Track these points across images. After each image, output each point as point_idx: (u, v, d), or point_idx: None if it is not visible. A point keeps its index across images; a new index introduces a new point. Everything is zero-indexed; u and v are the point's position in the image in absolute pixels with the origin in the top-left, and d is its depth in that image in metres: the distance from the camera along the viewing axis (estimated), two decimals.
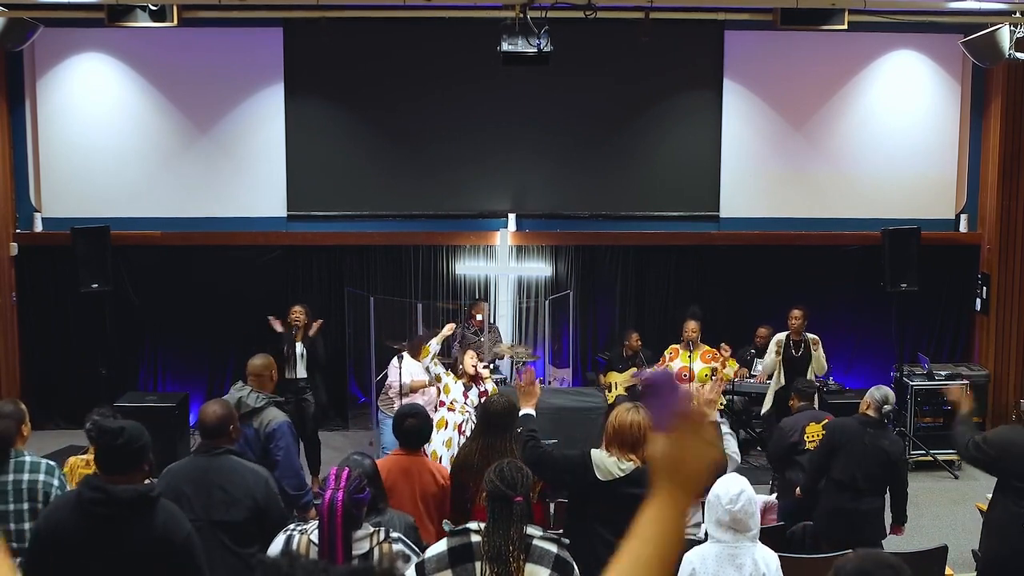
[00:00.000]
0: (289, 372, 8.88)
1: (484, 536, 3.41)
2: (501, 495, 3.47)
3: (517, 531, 3.38)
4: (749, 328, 10.24)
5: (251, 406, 5.45)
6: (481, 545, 3.40)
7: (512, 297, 10.66)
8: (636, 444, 4.36)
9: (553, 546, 3.43)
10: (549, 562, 3.38)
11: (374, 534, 3.52)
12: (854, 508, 6.06)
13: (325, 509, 3.47)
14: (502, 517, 3.42)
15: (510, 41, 7.90)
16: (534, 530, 3.47)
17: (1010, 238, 10.55)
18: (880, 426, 6.19)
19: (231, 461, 4.50)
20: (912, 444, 9.46)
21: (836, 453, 6.13)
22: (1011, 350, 10.59)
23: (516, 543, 3.37)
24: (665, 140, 10.91)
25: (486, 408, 5.33)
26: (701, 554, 4.02)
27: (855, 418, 6.31)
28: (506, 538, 3.38)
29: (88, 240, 9.52)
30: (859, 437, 6.10)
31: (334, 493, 3.47)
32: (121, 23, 8.47)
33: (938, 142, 10.85)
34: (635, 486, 4.32)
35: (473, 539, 3.43)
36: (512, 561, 3.34)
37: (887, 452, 6.08)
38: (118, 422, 3.66)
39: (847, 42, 10.33)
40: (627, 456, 4.37)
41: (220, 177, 10.60)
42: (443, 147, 10.71)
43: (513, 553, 3.35)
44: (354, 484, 3.52)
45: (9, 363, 10.42)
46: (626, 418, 4.42)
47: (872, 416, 6.19)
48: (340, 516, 3.43)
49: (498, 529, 3.40)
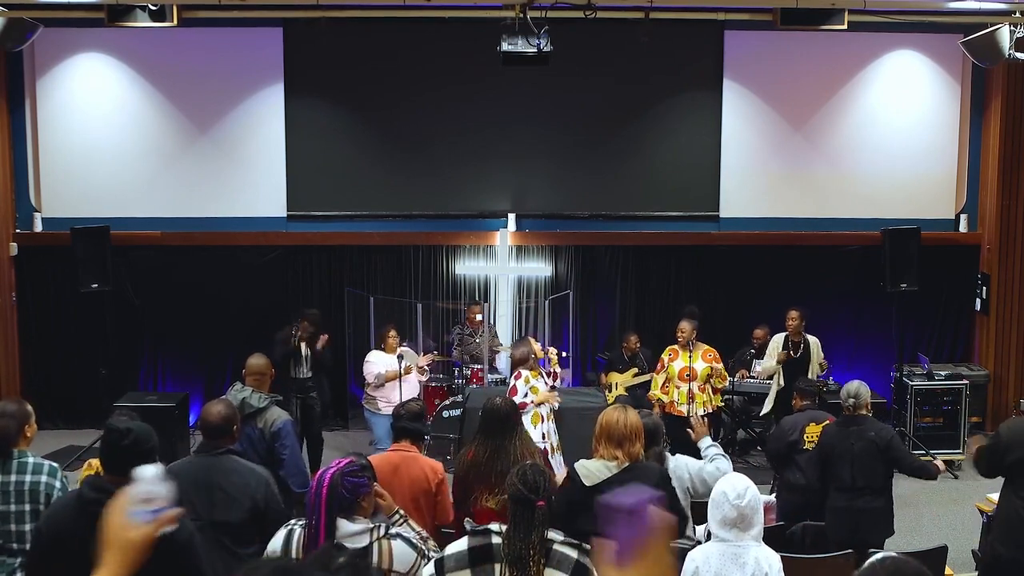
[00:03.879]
0: (295, 371, 8.91)
1: (505, 539, 3.42)
2: (524, 499, 3.47)
3: (539, 535, 3.39)
4: (749, 328, 10.24)
5: (255, 406, 5.46)
6: (502, 547, 3.41)
7: (512, 297, 10.66)
8: (623, 441, 4.43)
9: (574, 551, 3.42)
10: (568, 567, 3.38)
11: (374, 528, 3.53)
12: (854, 508, 6.11)
13: (314, 484, 3.53)
14: (524, 521, 3.41)
15: (510, 41, 7.90)
16: (555, 534, 3.47)
17: (1010, 238, 10.55)
18: (861, 421, 6.24)
19: (232, 461, 4.50)
20: (912, 444, 9.45)
21: (831, 461, 6.19)
22: (1011, 350, 10.60)
23: (537, 547, 3.37)
24: (665, 140, 10.91)
25: (490, 410, 5.30)
26: (704, 553, 4.01)
27: (835, 423, 6.39)
28: (527, 542, 3.38)
29: (88, 240, 9.52)
30: (845, 439, 6.17)
31: (326, 471, 3.55)
32: (121, 23, 8.47)
33: (938, 142, 10.85)
34: (622, 485, 4.31)
35: (494, 540, 3.44)
36: (532, 565, 3.35)
37: (875, 442, 6.14)
38: (127, 423, 3.64)
39: (847, 42, 10.33)
40: (613, 454, 4.43)
41: (220, 177, 10.60)
42: (443, 147, 10.71)
43: (534, 557, 3.35)
44: (350, 468, 3.57)
45: (9, 363, 10.42)
46: (613, 415, 4.51)
47: (848, 415, 6.25)
48: (327, 488, 3.48)
49: (519, 533, 3.40)
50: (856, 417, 6.24)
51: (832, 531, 6.05)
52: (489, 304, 10.40)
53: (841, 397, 6.37)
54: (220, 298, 10.59)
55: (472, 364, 9.83)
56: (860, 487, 6.11)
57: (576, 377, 10.67)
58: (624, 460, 4.43)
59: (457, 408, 8.99)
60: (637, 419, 4.53)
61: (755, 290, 10.76)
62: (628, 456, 4.43)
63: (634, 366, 10.00)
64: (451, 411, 9.16)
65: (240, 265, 10.67)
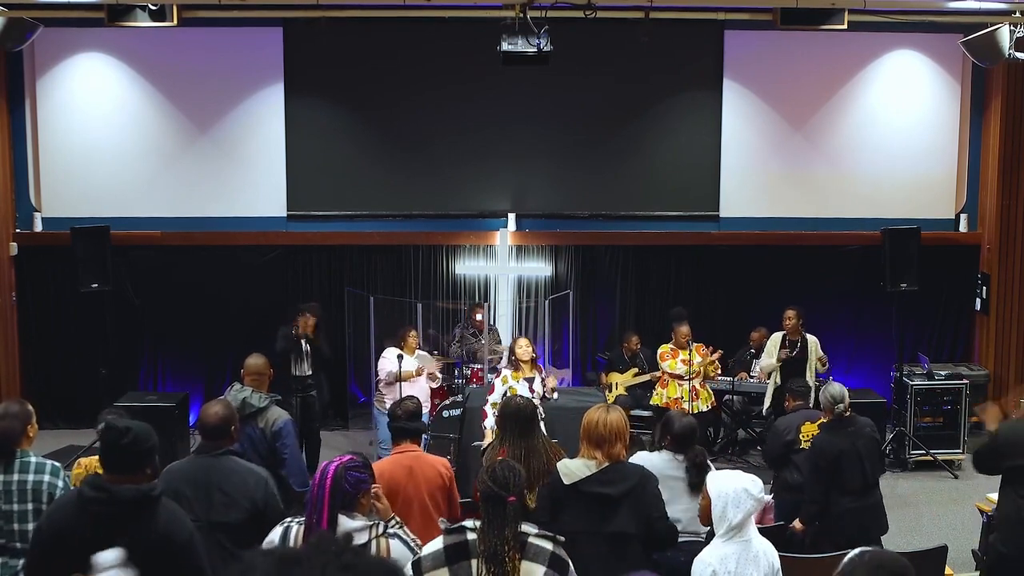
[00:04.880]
0: (296, 369, 8.92)
1: (480, 535, 3.45)
2: (495, 495, 3.51)
3: (511, 531, 3.42)
4: (748, 328, 10.25)
5: (256, 406, 5.46)
6: (477, 544, 3.44)
7: (512, 297, 10.66)
8: (602, 442, 4.41)
9: (549, 543, 3.48)
10: (545, 559, 3.43)
11: (373, 526, 3.54)
12: (866, 505, 6.11)
13: (317, 476, 3.55)
14: (496, 517, 3.45)
15: (510, 41, 7.89)
16: (529, 528, 3.52)
17: (1010, 238, 10.55)
18: (852, 421, 6.24)
19: (231, 462, 4.50)
20: (912, 444, 9.46)
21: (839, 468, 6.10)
22: (1011, 350, 10.60)
23: (511, 542, 3.40)
24: (665, 140, 10.91)
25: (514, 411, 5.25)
26: (719, 555, 3.90)
27: (829, 428, 6.28)
28: (501, 538, 3.42)
29: (88, 240, 9.52)
30: (848, 443, 6.12)
31: (329, 464, 3.58)
32: (121, 23, 8.47)
33: (938, 142, 10.85)
34: (602, 485, 4.37)
35: (469, 537, 3.47)
36: (508, 561, 3.38)
37: (873, 437, 6.23)
38: (126, 421, 3.64)
39: (847, 42, 10.33)
40: (593, 455, 4.42)
41: (220, 177, 10.60)
42: (443, 147, 10.71)
43: (509, 553, 3.39)
44: (353, 463, 3.61)
45: (9, 363, 10.42)
46: (594, 416, 4.49)
47: (838, 419, 6.22)
48: (331, 480, 3.50)
49: (493, 529, 3.43)
50: (845, 419, 6.23)
51: (842, 533, 5.91)
52: (489, 304, 10.41)
53: (826, 402, 6.26)
54: (220, 298, 10.59)
55: (472, 364, 9.83)
56: (872, 483, 6.14)
57: (576, 377, 10.67)
58: (603, 461, 4.40)
59: (457, 408, 8.99)
60: (619, 420, 4.48)
61: (755, 290, 10.76)
62: (608, 457, 4.40)
63: (634, 366, 10.01)
64: (451, 411, 9.15)
65: (240, 265, 10.67)
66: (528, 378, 7.69)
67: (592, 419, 4.48)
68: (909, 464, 9.41)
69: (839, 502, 6.12)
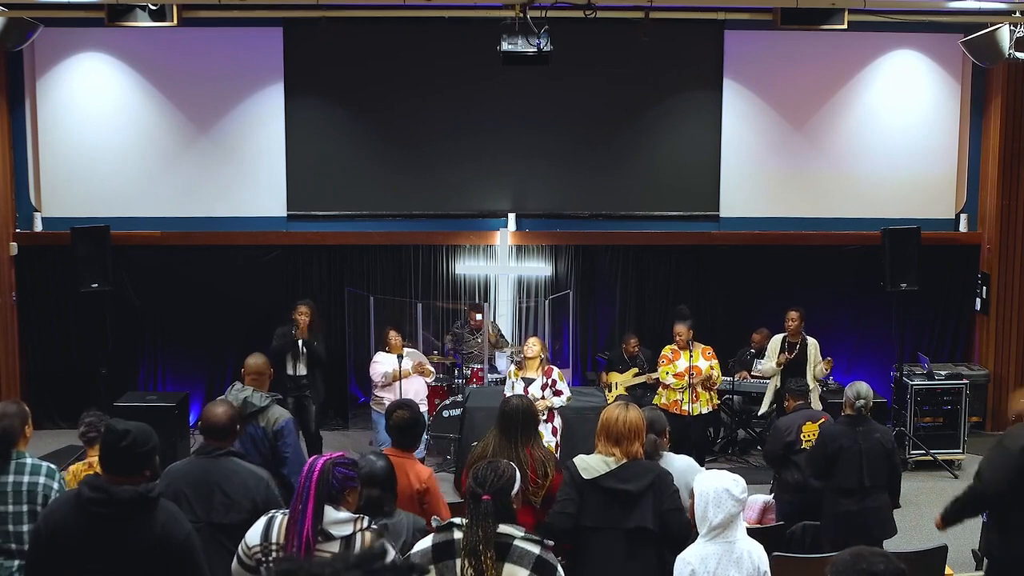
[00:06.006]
0: (291, 369, 8.91)
1: (464, 532, 3.50)
2: (473, 493, 3.57)
3: (484, 528, 3.45)
4: (749, 327, 10.24)
5: (257, 405, 5.46)
6: (461, 541, 3.49)
7: (512, 297, 10.66)
8: (620, 439, 4.48)
9: (535, 547, 3.47)
10: (529, 563, 3.43)
11: (357, 519, 3.54)
12: (862, 509, 6.08)
13: (305, 468, 3.56)
14: (474, 514, 3.50)
15: (510, 41, 7.90)
16: (516, 530, 3.52)
17: (1010, 238, 10.55)
18: (865, 422, 6.22)
19: (232, 463, 4.49)
20: (912, 444, 9.46)
21: (835, 461, 6.13)
22: (1011, 350, 10.60)
23: (484, 540, 3.44)
24: (665, 140, 10.91)
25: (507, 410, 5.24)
26: (700, 555, 3.95)
27: (841, 422, 6.34)
28: (477, 535, 3.46)
29: (88, 240, 9.51)
30: (852, 440, 6.12)
31: (318, 458, 3.58)
32: (121, 23, 8.47)
33: (938, 142, 10.85)
34: (620, 481, 4.43)
35: (456, 535, 3.52)
36: (484, 559, 3.41)
37: (881, 443, 6.16)
38: (126, 423, 3.64)
39: (847, 42, 10.33)
40: (611, 451, 4.48)
41: (220, 177, 10.60)
42: (443, 147, 10.71)
43: (484, 551, 3.42)
44: (342, 460, 3.61)
45: (9, 363, 10.42)
46: (614, 413, 4.56)
47: (853, 414, 6.22)
48: (317, 473, 3.50)
49: (472, 526, 3.48)
50: (859, 418, 6.21)
51: (838, 535, 5.86)
52: (489, 304, 10.41)
53: (848, 397, 6.27)
54: (220, 298, 10.58)
55: (471, 364, 9.83)
56: (868, 487, 6.09)
57: (576, 377, 10.67)
58: (621, 458, 4.47)
59: (457, 408, 9.00)
60: (638, 418, 4.55)
61: (755, 290, 10.76)
62: (626, 454, 4.47)
63: (634, 366, 10.00)
64: (451, 411, 9.17)
65: (240, 265, 10.68)
66: (527, 378, 7.68)
67: (612, 416, 4.54)
68: (909, 464, 9.40)
69: (837, 503, 6.12)
